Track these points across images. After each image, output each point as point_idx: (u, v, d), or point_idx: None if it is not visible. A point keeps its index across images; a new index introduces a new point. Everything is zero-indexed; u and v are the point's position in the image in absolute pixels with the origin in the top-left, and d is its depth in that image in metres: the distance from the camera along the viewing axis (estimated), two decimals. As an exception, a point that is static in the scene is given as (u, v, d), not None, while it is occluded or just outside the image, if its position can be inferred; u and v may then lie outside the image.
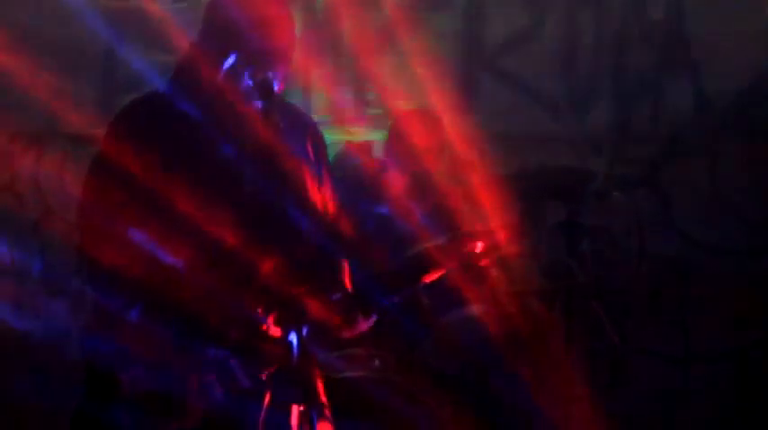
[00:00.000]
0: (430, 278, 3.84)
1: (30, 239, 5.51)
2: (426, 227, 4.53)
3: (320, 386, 3.24)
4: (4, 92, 5.23)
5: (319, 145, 3.34)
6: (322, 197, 3.29)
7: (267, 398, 3.04)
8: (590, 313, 5.51)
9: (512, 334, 4.57)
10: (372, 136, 5.77)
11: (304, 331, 3.12)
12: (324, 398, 3.23)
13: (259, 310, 3.05)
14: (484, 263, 4.37)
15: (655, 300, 5.66)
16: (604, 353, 5.60)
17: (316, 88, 5.76)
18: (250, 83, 3.09)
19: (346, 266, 3.32)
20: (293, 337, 3.07)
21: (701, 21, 5.77)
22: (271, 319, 3.06)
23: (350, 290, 3.27)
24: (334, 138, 5.39)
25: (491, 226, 4.46)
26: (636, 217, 5.77)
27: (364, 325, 3.31)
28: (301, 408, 3.11)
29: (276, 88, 3.11)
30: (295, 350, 3.08)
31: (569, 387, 4.58)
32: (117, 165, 3.00)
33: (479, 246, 4.23)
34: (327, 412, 3.22)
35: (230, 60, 3.10)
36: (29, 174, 5.66)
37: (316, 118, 3.61)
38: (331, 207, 3.34)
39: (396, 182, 4.88)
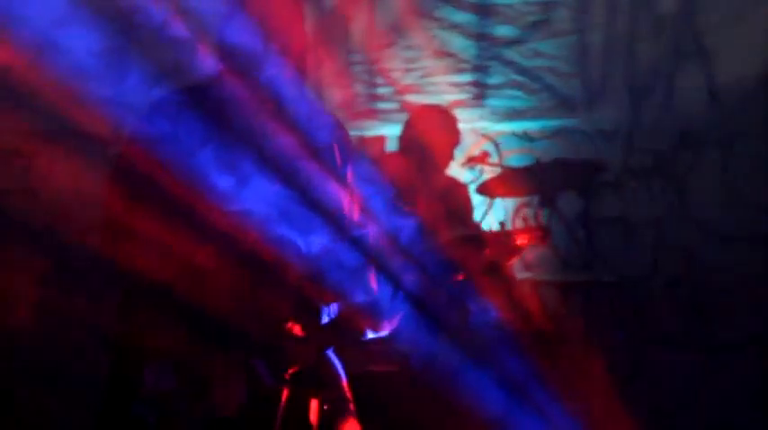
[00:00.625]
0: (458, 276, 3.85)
1: (45, 239, 5.52)
2: (442, 223, 4.53)
3: (344, 382, 3.24)
4: (18, 91, 5.24)
5: (345, 145, 3.33)
6: (346, 197, 3.28)
7: (285, 395, 3.05)
8: (608, 304, 5.50)
9: (531, 329, 4.57)
10: (385, 130, 5.77)
11: (326, 331, 3.14)
12: (348, 394, 3.24)
13: (282, 310, 3.05)
14: (508, 259, 4.38)
15: (672, 290, 5.66)
16: (624, 344, 5.60)
17: (327, 84, 5.76)
18: (264, 81, 3.11)
19: (371, 268, 3.32)
20: (314, 337, 3.08)
21: (711, 10, 5.75)
22: (293, 319, 3.06)
23: (375, 292, 3.28)
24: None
25: (512, 225, 4.47)
26: (651, 207, 5.76)
27: (388, 326, 3.32)
28: (325, 406, 3.12)
29: (289, 85, 3.12)
30: (316, 349, 3.10)
31: (589, 380, 4.57)
32: (140, 166, 3.01)
33: (505, 244, 4.25)
34: (352, 407, 3.23)
35: (241, 60, 3.12)
36: (43, 173, 5.67)
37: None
38: (356, 207, 3.34)
39: (411, 178, 4.87)
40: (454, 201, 4.94)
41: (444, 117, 5.16)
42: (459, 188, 5.15)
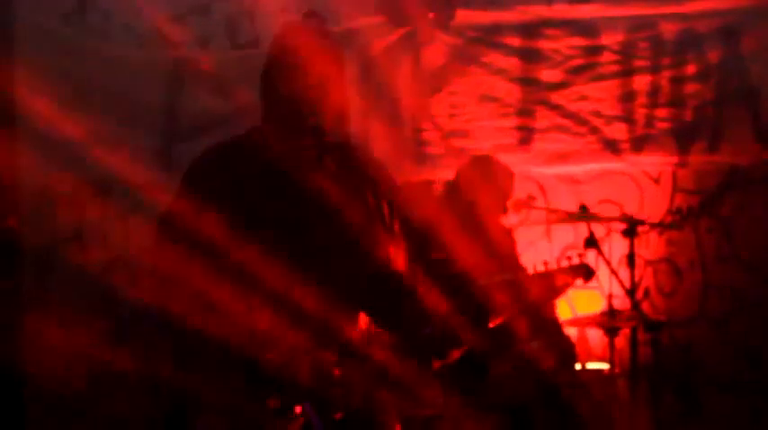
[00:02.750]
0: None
1: (97, 288, 5.58)
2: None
3: (396, 426, 3.24)
4: (69, 143, 5.32)
5: (390, 193, 3.32)
6: (390, 246, 3.27)
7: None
8: (656, 345, 5.45)
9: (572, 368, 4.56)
10: (432, 174, 5.79)
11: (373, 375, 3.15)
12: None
13: (328, 356, 3.07)
14: (551, 300, 4.37)
15: (720, 331, 5.60)
16: (673, 385, 5.54)
17: (374, 129, 5.79)
18: (302, 129, 3.12)
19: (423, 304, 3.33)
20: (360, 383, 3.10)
21: (758, 52, 5.72)
22: (339, 365, 3.08)
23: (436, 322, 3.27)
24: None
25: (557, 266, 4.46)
26: (698, 248, 5.72)
27: (456, 354, 3.32)
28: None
29: (326, 132, 3.14)
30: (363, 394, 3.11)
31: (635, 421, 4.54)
32: (188, 219, 3.03)
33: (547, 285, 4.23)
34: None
35: (281, 108, 3.14)
36: (95, 223, 5.75)
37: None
38: (400, 256, 3.32)
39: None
40: (499, 246, 4.94)
41: (498, 170, 5.16)
42: (504, 233, 5.15)
